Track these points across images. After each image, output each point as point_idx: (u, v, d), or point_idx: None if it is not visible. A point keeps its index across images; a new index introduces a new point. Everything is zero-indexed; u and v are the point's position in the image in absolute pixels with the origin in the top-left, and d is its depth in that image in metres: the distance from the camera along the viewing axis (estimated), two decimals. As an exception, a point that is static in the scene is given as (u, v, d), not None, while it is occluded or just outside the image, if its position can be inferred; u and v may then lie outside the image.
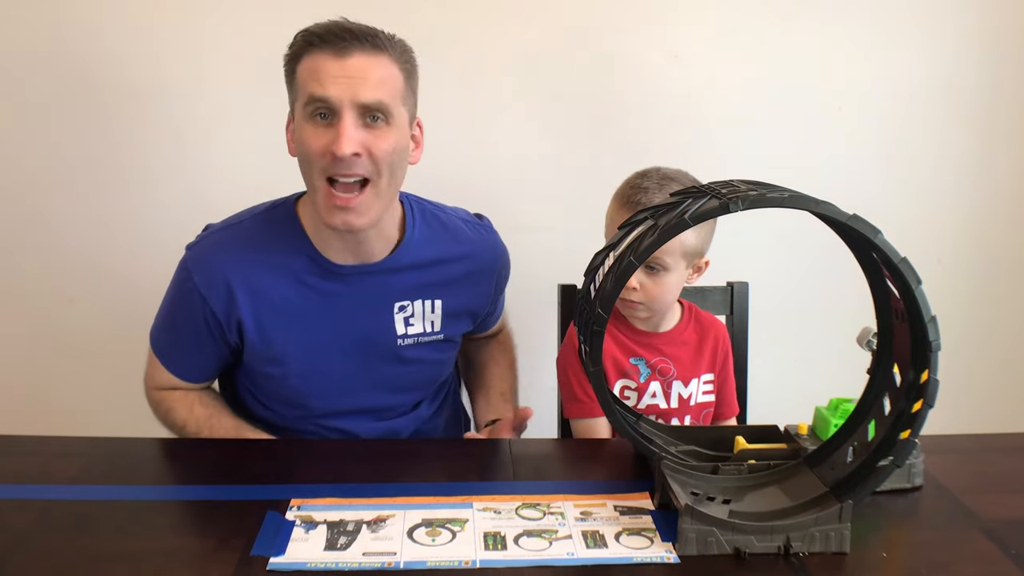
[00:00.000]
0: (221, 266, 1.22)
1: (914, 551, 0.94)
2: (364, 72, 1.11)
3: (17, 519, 0.95)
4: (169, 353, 1.29)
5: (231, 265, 1.22)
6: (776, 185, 0.88)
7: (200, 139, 1.78)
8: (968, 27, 1.85)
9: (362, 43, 1.11)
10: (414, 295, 1.28)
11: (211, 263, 1.23)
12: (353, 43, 1.11)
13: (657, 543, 0.91)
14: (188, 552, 0.89)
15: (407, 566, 0.87)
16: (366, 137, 1.12)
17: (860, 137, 1.89)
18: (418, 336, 1.30)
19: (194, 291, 1.22)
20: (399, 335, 1.29)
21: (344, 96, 1.10)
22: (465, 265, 1.33)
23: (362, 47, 1.11)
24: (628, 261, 0.88)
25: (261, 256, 1.23)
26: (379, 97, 1.12)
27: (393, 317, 1.28)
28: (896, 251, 0.84)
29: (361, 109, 1.12)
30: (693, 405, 1.38)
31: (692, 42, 1.82)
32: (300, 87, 1.15)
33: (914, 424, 0.88)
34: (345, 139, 1.10)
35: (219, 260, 1.23)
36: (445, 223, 1.33)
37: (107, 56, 1.74)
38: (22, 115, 1.76)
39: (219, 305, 1.22)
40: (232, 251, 1.24)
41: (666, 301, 1.33)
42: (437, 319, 1.31)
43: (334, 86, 1.10)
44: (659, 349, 1.37)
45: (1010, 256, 1.98)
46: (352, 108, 1.11)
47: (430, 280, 1.29)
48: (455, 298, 1.32)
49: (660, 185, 1.29)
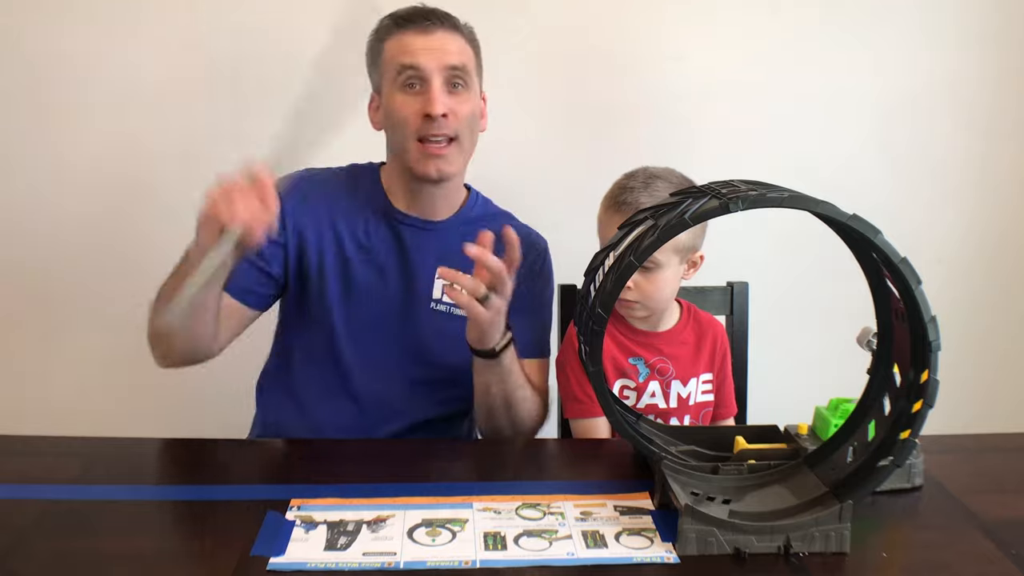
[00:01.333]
0: (302, 195, 1.33)
1: (914, 551, 0.94)
2: (445, 45, 1.28)
3: (17, 519, 0.95)
4: None
5: (312, 201, 1.34)
6: (776, 185, 0.88)
7: (200, 139, 1.79)
8: (969, 27, 1.85)
9: (443, 23, 1.29)
10: (457, 265, 1.29)
11: (296, 187, 1.32)
12: (435, 22, 1.29)
13: (657, 543, 0.91)
14: (188, 552, 0.89)
15: (407, 566, 0.87)
16: (451, 101, 1.28)
17: (861, 137, 1.89)
18: (450, 306, 1.34)
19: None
20: (434, 298, 1.35)
21: (431, 64, 1.26)
22: (503, 245, 1.34)
23: (443, 25, 1.29)
24: (628, 261, 0.88)
25: (340, 195, 1.37)
26: (463, 61, 1.29)
27: (434, 279, 1.36)
28: (896, 251, 0.84)
29: (447, 74, 1.27)
30: (692, 405, 1.38)
31: (692, 42, 1.82)
32: (388, 62, 1.30)
33: (914, 424, 0.88)
34: (437, 101, 1.25)
35: (303, 189, 1.33)
36: (499, 210, 1.46)
37: (111, 57, 1.74)
38: (22, 115, 1.76)
39: (289, 217, 1.31)
40: (317, 187, 1.36)
41: (662, 299, 1.32)
42: None
43: (423, 56, 1.27)
44: (658, 349, 1.37)
45: (1010, 256, 1.98)
46: (440, 73, 1.27)
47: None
48: None
49: (646, 184, 1.30)
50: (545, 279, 1.44)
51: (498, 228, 1.30)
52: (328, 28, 1.23)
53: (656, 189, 1.29)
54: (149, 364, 1.38)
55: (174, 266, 1.19)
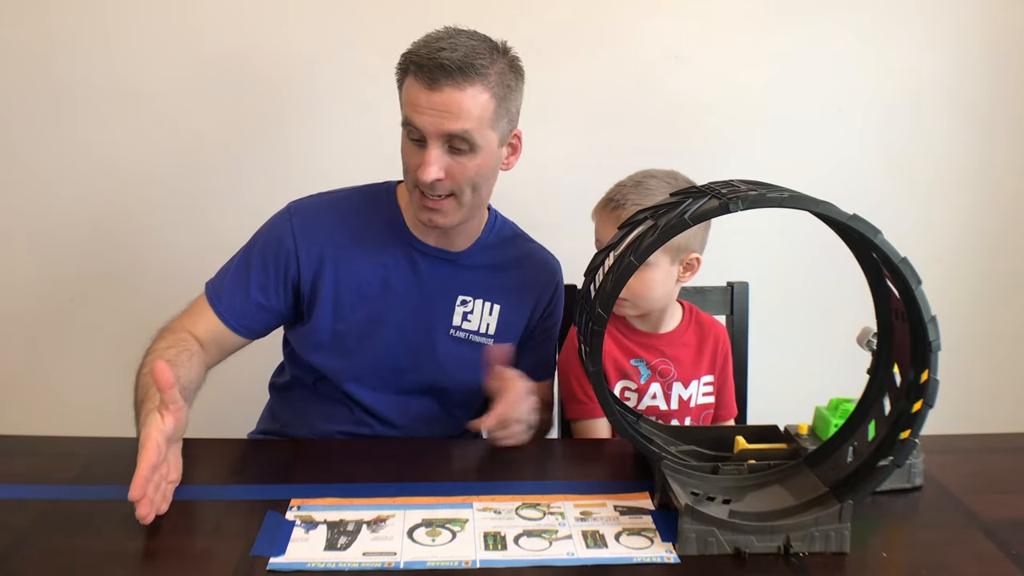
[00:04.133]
0: (319, 226, 1.31)
1: (914, 551, 0.94)
2: (449, 106, 1.18)
3: (17, 519, 0.95)
4: (224, 291, 1.30)
5: (328, 230, 1.31)
6: (776, 185, 0.88)
7: (199, 141, 1.79)
8: (969, 27, 1.85)
9: (453, 77, 1.17)
10: (477, 293, 1.35)
11: (314, 219, 1.32)
12: (444, 78, 1.17)
13: (657, 543, 0.91)
14: (188, 552, 0.89)
15: (407, 566, 0.87)
16: (450, 163, 1.21)
17: (860, 137, 1.89)
18: (470, 333, 1.34)
19: (287, 225, 1.30)
20: (454, 325, 1.34)
21: (430, 128, 1.19)
22: (520, 274, 1.38)
23: (452, 80, 1.17)
24: (628, 261, 0.88)
25: (357, 224, 1.33)
26: (464, 127, 1.19)
27: (454, 307, 1.34)
28: (896, 251, 0.84)
29: (446, 138, 1.19)
30: (693, 407, 1.38)
31: (692, 42, 1.82)
32: (402, 105, 1.23)
33: (914, 424, 0.88)
34: (427, 168, 1.19)
35: (320, 219, 1.32)
36: (518, 235, 1.43)
37: (111, 56, 1.74)
38: (21, 115, 1.76)
39: (304, 252, 1.29)
40: (333, 215, 1.33)
41: (651, 298, 1.32)
42: (493, 322, 1.35)
43: (423, 117, 1.18)
44: (659, 350, 1.37)
45: (1010, 256, 1.98)
46: (437, 138, 1.19)
47: (494, 283, 1.36)
48: (513, 307, 1.36)
49: (638, 182, 1.31)
50: (559, 308, 1.44)
51: (512, 252, 1.38)
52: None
53: (648, 187, 1.28)
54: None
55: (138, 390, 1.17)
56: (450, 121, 1.18)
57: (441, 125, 1.18)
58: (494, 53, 1.22)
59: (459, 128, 1.18)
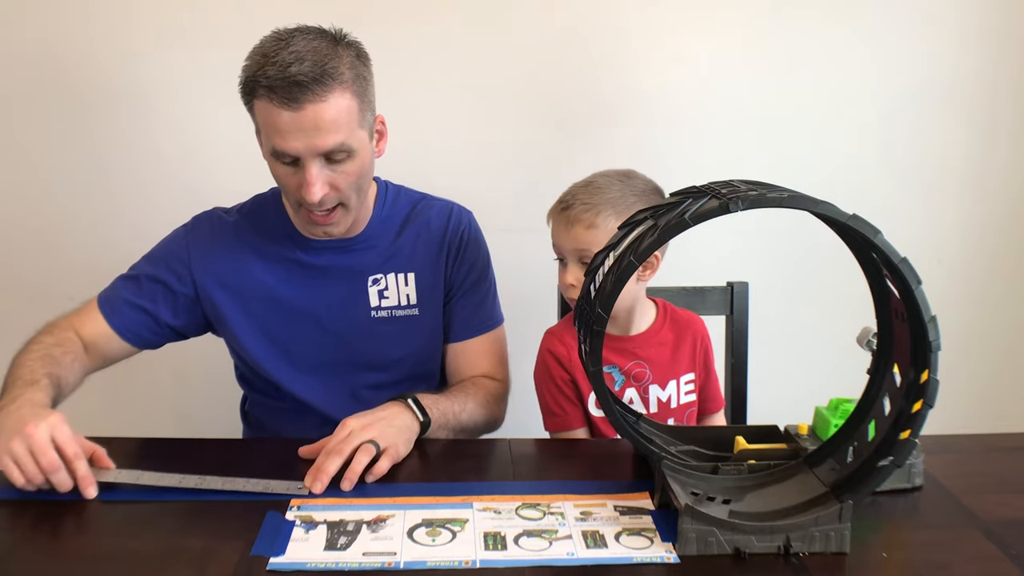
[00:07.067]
0: (215, 240, 1.32)
1: (914, 551, 0.94)
2: (317, 122, 1.13)
3: (17, 519, 0.95)
4: (116, 297, 1.31)
5: (223, 245, 1.32)
6: (776, 185, 0.88)
7: (198, 141, 1.79)
8: (969, 27, 1.85)
9: (311, 91, 1.12)
10: (386, 268, 1.33)
11: (209, 232, 1.33)
12: (302, 94, 1.11)
13: (657, 543, 0.91)
14: (188, 552, 0.89)
15: (407, 566, 0.87)
16: (331, 176, 1.18)
17: (860, 137, 1.89)
18: (392, 309, 1.33)
19: (183, 241, 1.32)
20: (372, 307, 1.33)
21: (304, 150, 1.15)
22: (420, 233, 1.35)
23: (311, 94, 1.12)
24: (628, 261, 0.88)
25: (250, 237, 1.33)
26: (337, 140, 1.15)
27: (367, 290, 1.33)
28: (896, 251, 0.84)
29: (324, 154, 1.16)
30: (675, 407, 1.36)
31: (692, 42, 1.82)
32: (261, 128, 1.19)
33: (914, 424, 0.88)
34: (311, 188, 1.16)
35: (216, 233, 1.33)
36: (415, 200, 1.39)
37: (110, 57, 1.74)
38: (21, 115, 1.76)
39: (198, 269, 1.30)
40: (227, 229, 1.33)
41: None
42: (412, 292, 1.34)
43: (294, 141, 1.14)
44: (633, 353, 1.34)
45: (1010, 256, 1.98)
46: (314, 158, 1.16)
47: (399, 253, 1.34)
48: (426, 268, 1.35)
49: (588, 182, 1.29)
50: (472, 253, 1.38)
51: (410, 216, 1.36)
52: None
53: (597, 186, 1.27)
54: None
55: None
56: (321, 137, 1.13)
57: (314, 145, 1.14)
58: (338, 48, 1.16)
59: (334, 142, 1.15)
